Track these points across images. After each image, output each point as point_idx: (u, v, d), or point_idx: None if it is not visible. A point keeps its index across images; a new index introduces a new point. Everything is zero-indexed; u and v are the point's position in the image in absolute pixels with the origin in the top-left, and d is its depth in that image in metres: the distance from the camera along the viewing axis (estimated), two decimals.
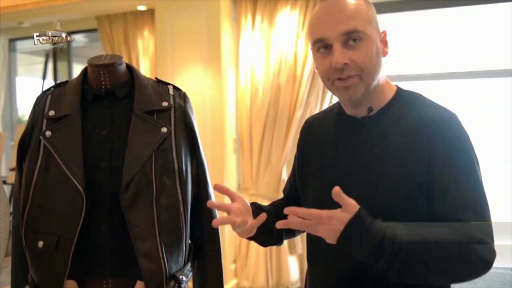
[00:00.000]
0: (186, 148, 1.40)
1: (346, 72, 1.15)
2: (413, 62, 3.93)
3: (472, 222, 1.08)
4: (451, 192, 1.10)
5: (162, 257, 1.30)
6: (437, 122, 1.13)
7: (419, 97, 1.22)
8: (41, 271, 1.33)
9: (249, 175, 3.95)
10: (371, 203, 1.08)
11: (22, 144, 1.40)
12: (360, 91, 1.17)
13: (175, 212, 1.34)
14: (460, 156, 1.12)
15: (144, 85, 1.41)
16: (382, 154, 1.15)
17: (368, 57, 1.15)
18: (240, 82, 3.93)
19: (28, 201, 1.33)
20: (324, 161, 1.25)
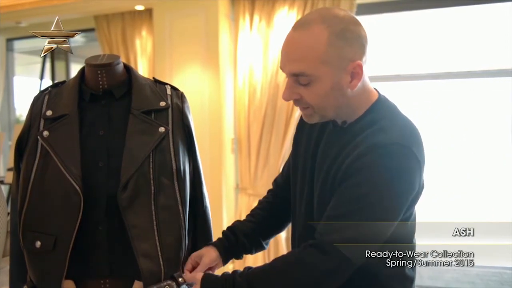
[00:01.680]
0: (184, 148, 1.40)
1: (298, 105, 1.20)
2: (411, 62, 3.93)
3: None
4: (328, 209, 1.15)
5: (161, 257, 1.30)
6: (368, 148, 1.12)
7: (386, 115, 1.19)
8: (39, 271, 1.33)
9: (247, 175, 3.95)
10: (315, 212, 1.21)
11: (19, 144, 1.39)
12: (315, 119, 1.21)
13: (174, 212, 1.34)
14: (356, 179, 1.11)
15: (142, 85, 1.41)
16: (329, 169, 1.19)
17: (318, 97, 1.15)
18: (238, 82, 3.93)
19: (25, 201, 1.33)
20: (307, 158, 1.29)
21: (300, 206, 1.30)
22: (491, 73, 3.79)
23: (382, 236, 1.13)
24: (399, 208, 1.14)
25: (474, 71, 3.81)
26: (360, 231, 1.11)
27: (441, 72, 3.88)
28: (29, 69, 5.72)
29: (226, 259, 1.41)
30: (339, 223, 1.12)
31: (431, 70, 3.90)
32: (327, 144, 1.25)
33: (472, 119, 3.89)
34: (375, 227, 1.12)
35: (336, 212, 1.13)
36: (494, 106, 3.87)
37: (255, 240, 1.43)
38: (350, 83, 1.16)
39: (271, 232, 1.47)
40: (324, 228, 1.14)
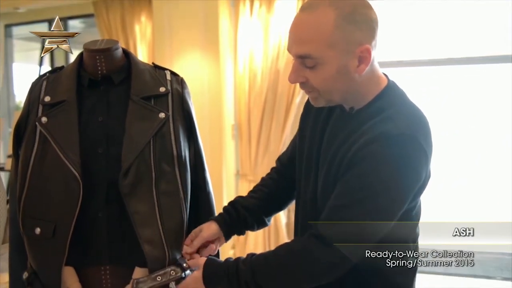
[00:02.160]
0: (184, 134, 1.39)
1: (303, 88, 1.18)
2: (411, 47, 3.90)
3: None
4: (333, 196, 1.14)
5: (165, 243, 1.30)
6: (374, 137, 1.10)
7: (396, 103, 1.17)
8: (39, 258, 1.32)
9: (248, 161, 3.95)
10: (319, 199, 1.20)
11: (17, 130, 1.38)
12: (321, 103, 1.19)
13: (175, 198, 1.33)
14: (360, 169, 1.10)
15: (141, 70, 1.40)
16: (334, 156, 1.17)
17: (324, 80, 1.13)
18: (238, 68, 3.91)
19: (24, 187, 1.32)
20: (314, 144, 1.27)
21: (306, 191, 1.28)
22: (491, 59, 3.76)
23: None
24: (403, 198, 1.12)
25: (474, 57, 3.78)
26: (362, 222, 1.10)
27: (441, 58, 3.85)
28: (28, 56, 5.70)
29: (227, 234, 1.39)
30: (342, 214, 1.11)
31: (430, 56, 3.88)
32: (333, 130, 1.23)
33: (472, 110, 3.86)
34: (378, 218, 1.10)
35: (340, 202, 1.12)
36: (495, 95, 3.84)
37: (257, 216, 1.41)
38: (357, 68, 1.13)
39: (273, 209, 1.46)
40: (327, 218, 1.13)
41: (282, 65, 3.74)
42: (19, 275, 1.37)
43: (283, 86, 3.76)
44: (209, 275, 1.22)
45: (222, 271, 1.20)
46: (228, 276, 1.18)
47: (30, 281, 1.33)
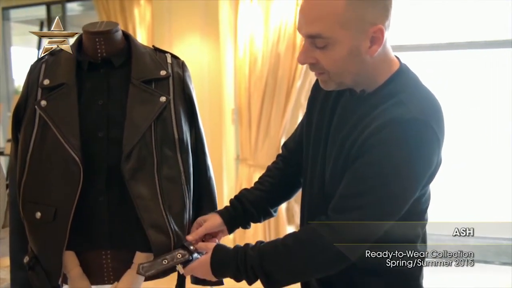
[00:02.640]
0: (185, 118, 1.38)
1: (313, 69, 1.14)
2: (413, 32, 3.87)
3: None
4: (343, 184, 1.12)
5: (170, 227, 1.30)
6: (387, 121, 1.07)
7: (408, 87, 1.14)
8: (40, 242, 1.32)
9: (248, 146, 3.94)
10: (326, 178, 1.18)
11: (16, 114, 1.37)
12: (331, 86, 1.16)
13: (177, 183, 1.32)
14: (372, 155, 1.07)
15: (142, 53, 1.38)
16: (343, 142, 1.15)
17: (333, 61, 1.10)
18: (238, 52, 3.88)
19: (24, 172, 1.31)
20: (322, 129, 1.24)
21: (312, 178, 1.26)
22: (492, 44, 3.73)
23: (395, 216, 1.11)
24: (415, 186, 1.10)
25: (476, 41, 3.74)
26: (374, 210, 1.08)
27: (442, 42, 3.82)
28: (26, 39, 5.64)
29: (231, 228, 1.39)
30: (353, 202, 1.09)
31: (431, 41, 3.84)
32: (343, 114, 1.19)
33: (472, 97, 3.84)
34: (390, 206, 1.09)
35: (351, 190, 1.10)
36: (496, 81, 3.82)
37: (263, 208, 1.40)
38: (369, 49, 1.09)
39: (279, 200, 1.45)
40: (337, 207, 1.12)
41: (282, 49, 3.71)
42: (20, 259, 1.37)
43: (283, 70, 3.73)
44: (217, 261, 1.21)
45: (231, 257, 1.19)
46: (236, 262, 1.18)
47: (31, 265, 1.33)
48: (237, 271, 1.18)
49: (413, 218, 1.17)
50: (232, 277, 1.20)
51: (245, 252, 1.18)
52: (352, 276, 1.19)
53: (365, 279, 1.19)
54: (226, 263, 1.20)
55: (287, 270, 1.16)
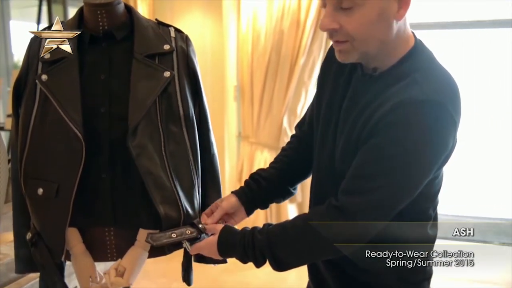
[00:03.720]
0: (190, 93, 1.35)
1: (335, 37, 1.07)
2: (419, 10, 3.80)
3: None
4: (353, 165, 1.09)
5: (180, 203, 1.29)
6: (400, 102, 1.03)
7: (423, 66, 1.09)
8: (42, 219, 1.31)
9: (250, 123, 3.92)
10: (336, 160, 1.15)
11: (17, 88, 1.34)
12: (353, 57, 1.09)
13: (185, 159, 1.31)
14: (386, 137, 1.03)
15: (144, 27, 1.34)
16: (354, 122, 1.11)
17: (360, 25, 1.03)
18: (241, 27, 3.83)
19: (25, 147, 1.29)
20: (332, 110, 1.20)
21: (321, 157, 1.23)
22: (497, 23, 3.67)
23: (406, 199, 1.07)
24: (428, 168, 1.07)
25: (480, 20, 3.69)
26: (385, 193, 1.05)
27: (447, 21, 3.76)
28: (25, 13, 5.56)
29: (249, 208, 1.35)
30: (364, 184, 1.06)
31: (437, 19, 3.79)
32: (355, 93, 1.15)
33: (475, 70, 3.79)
34: (401, 190, 1.06)
35: (363, 172, 1.07)
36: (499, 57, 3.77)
37: (279, 186, 1.37)
38: (397, 12, 1.03)
39: (297, 178, 1.40)
40: (349, 189, 1.09)
41: (286, 25, 3.66)
42: (23, 236, 1.36)
43: (287, 47, 3.68)
44: (224, 242, 1.20)
45: (238, 239, 1.17)
46: (243, 245, 1.16)
47: (34, 241, 1.32)
48: (244, 253, 1.17)
49: (425, 201, 1.15)
50: (239, 258, 1.19)
51: (253, 235, 1.16)
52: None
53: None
54: (233, 244, 1.18)
55: (297, 253, 1.14)
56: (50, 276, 1.32)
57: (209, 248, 1.22)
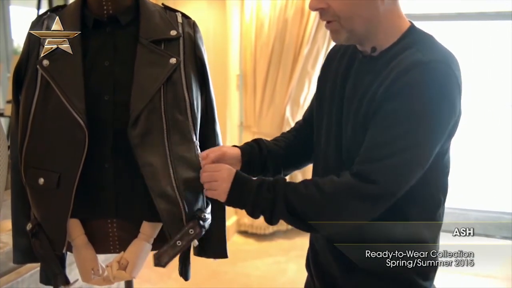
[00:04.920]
0: (196, 81, 1.31)
1: (324, 17, 1.12)
2: (421, 1, 3.76)
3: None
4: (368, 136, 1.09)
5: (179, 196, 1.24)
6: (409, 65, 1.06)
7: (423, 39, 1.13)
8: (43, 209, 1.27)
9: (252, 113, 3.88)
10: (347, 147, 1.15)
11: (17, 73, 1.29)
12: (342, 36, 1.13)
13: (189, 149, 1.26)
14: (399, 100, 1.05)
15: (151, 11, 1.29)
16: (361, 100, 1.12)
17: (346, 5, 1.09)
18: (245, 16, 3.78)
19: (26, 135, 1.25)
20: (334, 96, 1.22)
21: (327, 150, 1.22)
22: (502, 15, 3.63)
23: (424, 163, 1.08)
24: (441, 130, 1.08)
25: (485, 12, 3.66)
26: (405, 156, 1.05)
27: (451, 12, 3.72)
28: None
29: (244, 168, 1.30)
30: (382, 151, 1.06)
31: (440, 10, 3.74)
32: (357, 76, 1.17)
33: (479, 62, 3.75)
34: (419, 149, 1.07)
35: (379, 139, 1.07)
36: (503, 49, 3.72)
37: (276, 160, 1.34)
38: None
39: (291, 162, 1.39)
40: (365, 157, 1.08)
41: (290, 14, 3.61)
42: (22, 225, 1.33)
43: (291, 37, 3.64)
44: (240, 180, 1.17)
45: (256, 180, 1.15)
46: (262, 184, 1.14)
47: (34, 232, 1.28)
48: (258, 195, 1.13)
49: (435, 181, 1.15)
50: (250, 200, 1.14)
51: (274, 182, 1.14)
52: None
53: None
54: (249, 184, 1.15)
55: (312, 205, 1.11)
56: (50, 268, 1.29)
57: (221, 183, 1.18)
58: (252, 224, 3.84)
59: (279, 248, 3.70)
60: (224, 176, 1.18)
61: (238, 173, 1.18)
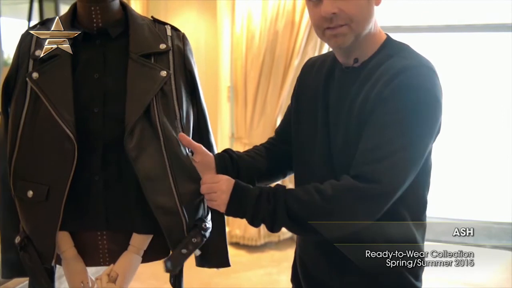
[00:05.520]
0: (187, 94, 1.31)
1: (335, 21, 1.16)
2: (410, 13, 3.81)
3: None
4: (364, 140, 1.12)
5: (180, 208, 1.24)
6: (398, 70, 1.12)
7: (403, 48, 1.20)
8: (32, 222, 1.26)
9: (243, 124, 3.89)
10: (338, 154, 1.18)
11: (6, 86, 1.29)
12: (349, 40, 1.17)
13: (185, 159, 1.26)
14: (393, 103, 1.10)
15: (140, 25, 1.30)
16: (351, 108, 1.16)
17: (358, 7, 1.15)
18: (236, 28, 3.80)
19: (15, 148, 1.25)
20: (316, 109, 1.25)
21: (310, 161, 1.24)
22: (491, 27, 3.68)
23: (419, 162, 1.12)
24: (432, 129, 1.13)
25: (474, 24, 3.71)
26: (401, 155, 1.09)
27: (439, 24, 3.77)
28: (16, 10, 5.49)
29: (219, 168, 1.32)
30: (379, 152, 1.09)
31: (428, 22, 3.79)
32: (341, 87, 1.21)
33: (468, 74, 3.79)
34: (414, 151, 1.10)
35: (375, 142, 1.10)
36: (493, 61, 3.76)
37: (249, 174, 1.34)
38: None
39: (264, 173, 1.39)
40: (364, 160, 1.10)
41: (281, 26, 3.64)
42: (11, 239, 1.31)
43: (281, 48, 3.66)
44: (240, 189, 1.18)
45: (253, 191, 1.17)
46: (260, 197, 1.15)
47: (23, 245, 1.27)
48: (258, 201, 1.14)
49: (423, 183, 1.19)
50: (250, 210, 1.15)
51: (274, 190, 1.15)
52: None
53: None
54: (249, 193, 1.17)
55: (313, 210, 1.12)
56: (39, 281, 1.27)
57: (220, 196, 1.19)
58: (244, 236, 3.84)
59: (271, 260, 3.70)
60: (223, 188, 1.19)
61: (237, 183, 1.19)
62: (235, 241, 3.86)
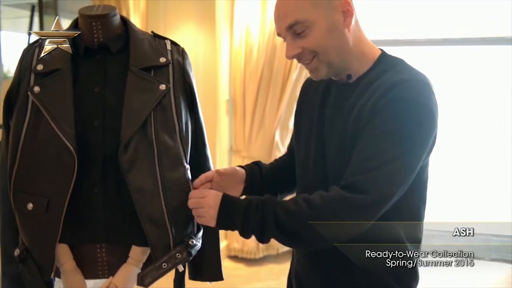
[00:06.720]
0: (186, 107, 1.33)
1: (302, 59, 1.19)
2: (407, 27, 3.84)
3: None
4: (356, 152, 1.13)
5: (168, 222, 1.25)
6: (392, 84, 1.12)
7: (398, 63, 1.21)
8: (31, 234, 1.27)
9: (242, 137, 3.90)
10: (332, 167, 1.20)
11: (8, 100, 1.31)
12: (323, 71, 1.20)
13: (180, 173, 1.27)
14: (386, 115, 1.11)
15: (140, 39, 1.32)
16: (346, 122, 1.17)
17: (318, 40, 1.16)
18: (234, 42, 3.83)
19: (16, 160, 1.26)
20: (312, 124, 1.27)
21: (304, 174, 1.28)
22: (489, 40, 3.71)
23: (410, 174, 1.12)
24: (425, 142, 1.13)
25: (472, 38, 3.73)
26: (391, 167, 1.09)
27: (437, 38, 3.79)
28: (16, 23, 5.53)
29: (249, 185, 1.36)
30: (371, 163, 1.09)
31: (426, 36, 3.81)
32: (336, 102, 1.23)
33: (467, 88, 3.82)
34: (404, 162, 1.10)
35: (368, 153, 1.11)
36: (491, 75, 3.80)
37: (272, 186, 1.39)
38: (344, 22, 1.16)
39: (285, 185, 1.43)
40: (354, 170, 1.11)
41: (279, 40, 3.65)
42: (11, 252, 1.32)
43: (279, 62, 3.69)
44: (228, 202, 1.19)
45: (242, 203, 1.17)
46: (248, 208, 1.15)
47: (22, 258, 1.27)
48: (247, 211, 1.15)
49: (418, 195, 1.20)
50: (239, 222, 1.16)
51: (263, 201, 1.16)
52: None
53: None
54: (237, 206, 1.17)
55: (312, 228, 1.10)
56: None
57: (208, 211, 1.20)
58: (242, 249, 3.83)
59: (269, 273, 3.68)
60: (210, 203, 1.19)
61: (225, 196, 1.20)
62: (233, 254, 3.85)
